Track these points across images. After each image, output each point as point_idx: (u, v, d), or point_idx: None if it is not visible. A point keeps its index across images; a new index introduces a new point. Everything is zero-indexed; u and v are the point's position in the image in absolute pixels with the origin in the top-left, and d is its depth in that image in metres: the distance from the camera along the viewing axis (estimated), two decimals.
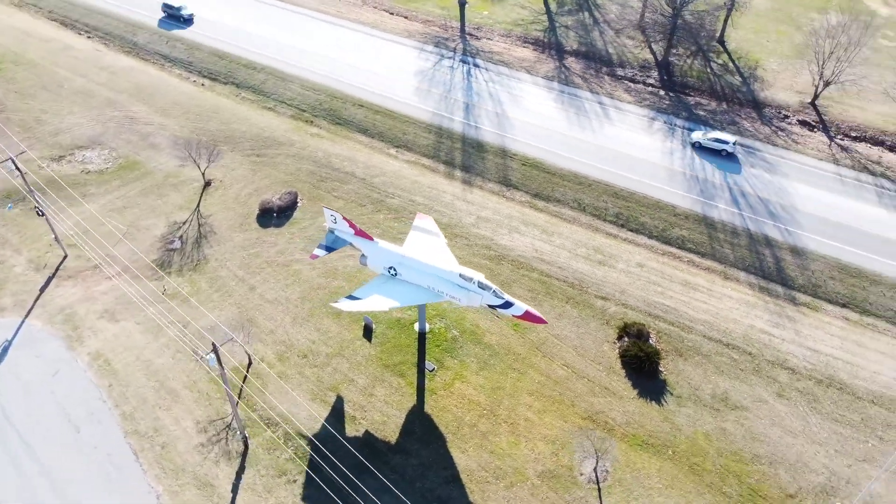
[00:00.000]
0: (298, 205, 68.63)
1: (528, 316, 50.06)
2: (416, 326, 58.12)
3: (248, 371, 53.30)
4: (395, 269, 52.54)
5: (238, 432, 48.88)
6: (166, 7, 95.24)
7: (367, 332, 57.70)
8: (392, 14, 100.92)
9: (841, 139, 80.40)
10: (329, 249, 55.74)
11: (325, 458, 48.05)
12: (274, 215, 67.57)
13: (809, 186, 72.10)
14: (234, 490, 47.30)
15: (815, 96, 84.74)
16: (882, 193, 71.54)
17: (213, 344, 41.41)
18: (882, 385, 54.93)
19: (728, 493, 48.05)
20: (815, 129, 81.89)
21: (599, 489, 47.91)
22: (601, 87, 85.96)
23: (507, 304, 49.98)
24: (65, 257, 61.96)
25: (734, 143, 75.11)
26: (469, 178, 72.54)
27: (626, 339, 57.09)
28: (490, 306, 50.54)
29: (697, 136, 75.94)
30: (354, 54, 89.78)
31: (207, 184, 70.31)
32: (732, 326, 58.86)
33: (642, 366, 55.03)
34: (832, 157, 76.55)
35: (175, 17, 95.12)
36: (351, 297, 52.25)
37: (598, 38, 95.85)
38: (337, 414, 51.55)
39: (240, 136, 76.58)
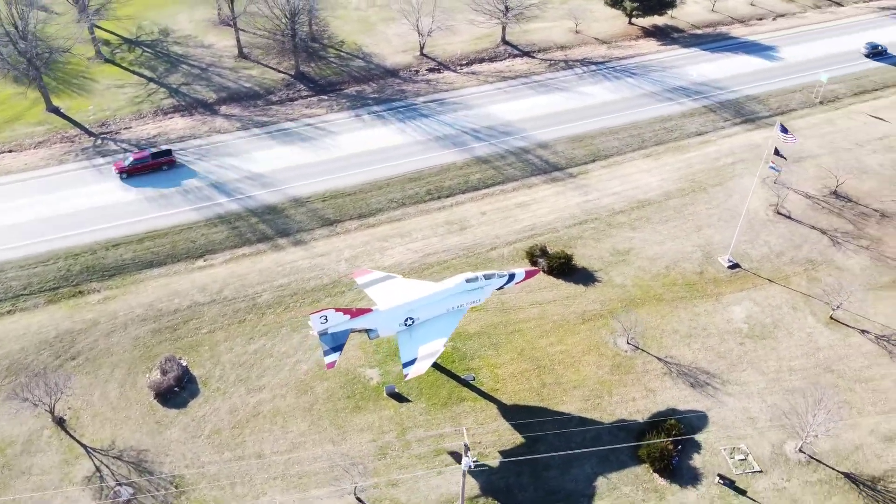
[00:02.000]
0: (184, 365, 57.77)
1: (528, 274, 57.82)
2: None
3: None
4: (410, 319, 53.04)
5: None
6: None
7: (399, 397, 56.32)
8: None
9: (461, 70, 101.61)
10: (338, 349, 51.92)
11: (506, 495, 49.40)
12: (177, 391, 55.91)
13: (495, 104, 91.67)
14: None
15: (422, 48, 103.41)
16: (535, 86, 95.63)
17: (465, 445, 38.90)
18: (657, 187, 79.35)
19: (686, 297, 65.92)
20: (442, 70, 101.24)
21: (644, 350, 60.65)
22: (290, 112, 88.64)
23: (512, 276, 56.62)
24: None
25: None
26: (298, 239, 70.45)
27: (539, 260, 68.51)
28: (498, 288, 56.35)
29: None
30: (32, 206, 72.01)
31: (61, 421, 52.97)
32: (569, 211, 75.50)
33: (568, 269, 67.84)
34: (479, 81, 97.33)
35: None
36: (410, 363, 51.34)
37: (223, 80, 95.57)
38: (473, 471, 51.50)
39: (21, 358, 57.53)
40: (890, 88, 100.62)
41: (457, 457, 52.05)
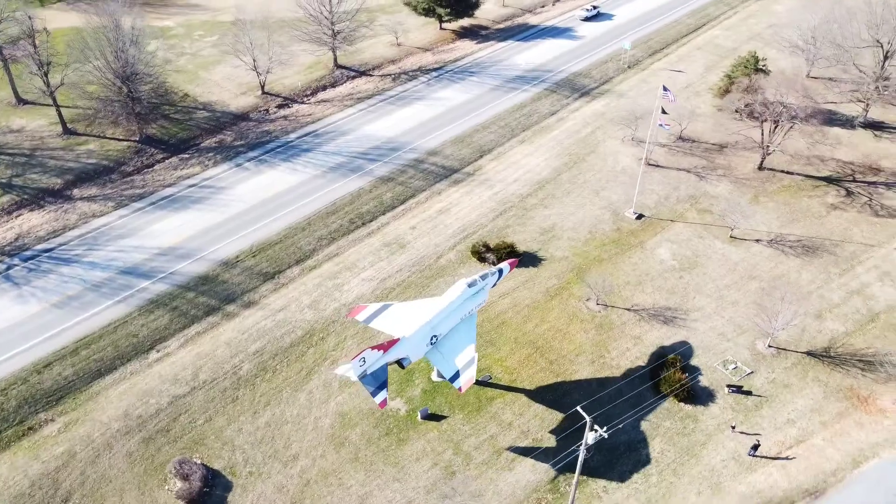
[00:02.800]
0: (201, 463, 52.31)
1: (511, 265, 61.43)
2: (434, 376, 59.42)
3: None
4: (435, 337, 53.94)
5: None
6: None
7: (434, 417, 56.49)
8: None
9: (310, 100, 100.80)
10: (383, 386, 51.36)
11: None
12: (207, 491, 50.57)
13: (368, 124, 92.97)
14: None
15: (263, 86, 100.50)
16: (393, 101, 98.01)
17: (589, 421, 41.17)
18: (545, 167, 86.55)
19: (618, 252, 73.52)
20: (291, 105, 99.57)
21: (612, 306, 66.87)
22: (162, 178, 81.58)
23: (501, 272, 59.86)
24: None
25: None
26: (247, 301, 66.08)
27: (488, 255, 71.76)
28: (492, 286, 59.15)
29: None
30: None
31: None
32: (486, 206, 79.66)
33: (514, 255, 71.92)
34: (338, 107, 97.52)
35: None
36: (455, 377, 52.49)
37: (60, 161, 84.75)
38: (539, 455, 53.56)
39: None
40: (671, 46, 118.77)
41: (518, 450, 54.07)
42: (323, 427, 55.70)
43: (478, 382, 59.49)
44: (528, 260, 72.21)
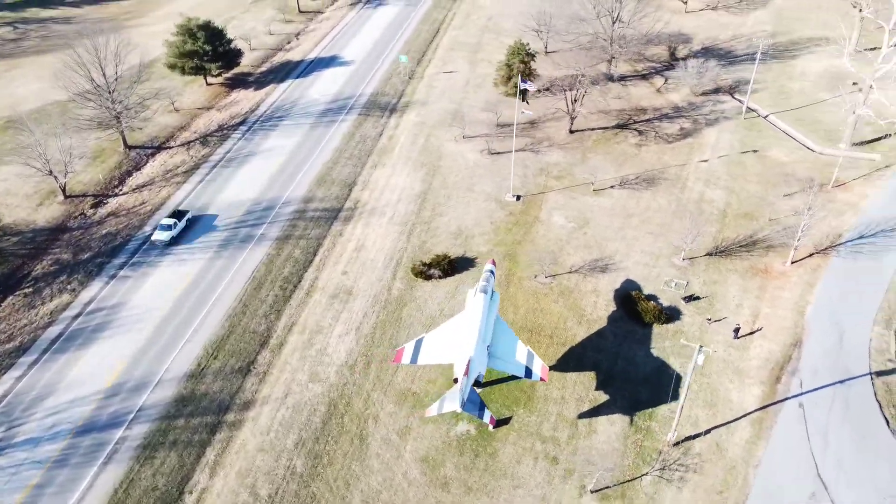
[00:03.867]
0: None
1: (493, 263, 65.90)
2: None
3: None
4: (487, 347, 56.72)
5: None
6: None
7: (503, 422, 58.62)
8: None
9: (125, 191, 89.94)
10: (483, 405, 53.81)
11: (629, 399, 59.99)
12: None
13: (221, 193, 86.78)
14: None
15: (63, 189, 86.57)
16: (226, 164, 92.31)
17: (698, 347, 48.36)
18: (412, 182, 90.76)
19: (526, 231, 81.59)
20: (108, 200, 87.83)
21: (557, 275, 74.74)
22: (31, 320, 66.86)
23: (493, 271, 64.37)
24: None
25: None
26: (245, 402, 59.50)
27: (432, 271, 74.07)
28: None
29: None
30: None
31: None
32: (392, 231, 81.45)
33: (454, 264, 75.53)
34: (171, 187, 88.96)
35: None
36: (528, 372, 56.02)
37: None
38: (605, 410, 59.21)
39: None
40: (427, 53, 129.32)
41: (586, 414, 59.32)
42: (415, 478, 54.51)
43: (509, 378, 63.02)
44: (464, 264, 76.34)
